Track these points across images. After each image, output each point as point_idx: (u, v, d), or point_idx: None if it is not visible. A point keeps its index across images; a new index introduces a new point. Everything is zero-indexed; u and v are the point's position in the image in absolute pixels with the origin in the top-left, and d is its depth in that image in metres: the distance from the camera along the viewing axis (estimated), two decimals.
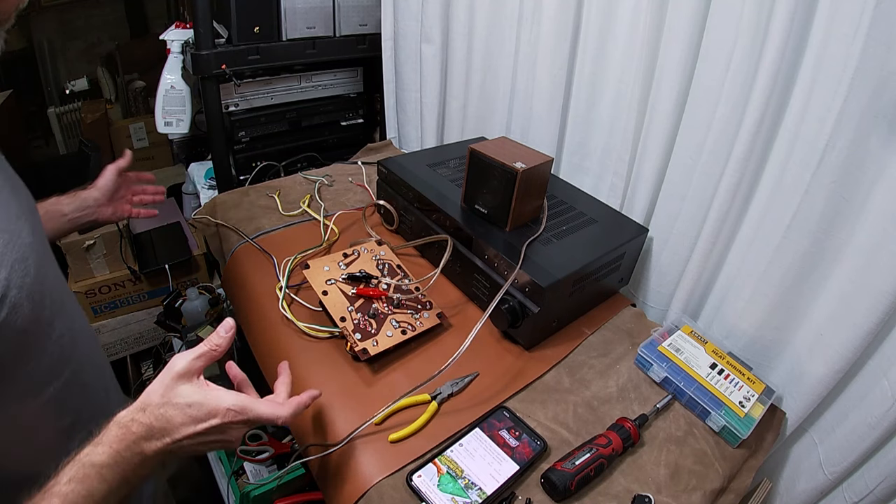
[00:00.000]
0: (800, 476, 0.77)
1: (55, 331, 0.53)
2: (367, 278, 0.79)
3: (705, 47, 0.76)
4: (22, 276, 0.47)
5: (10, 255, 0.46)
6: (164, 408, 0.48)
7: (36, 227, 0.54)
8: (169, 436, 0.47)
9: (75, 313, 0.60)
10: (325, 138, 1.43)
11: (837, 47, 0.62)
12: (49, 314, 0.52)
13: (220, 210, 1.03)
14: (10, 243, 0.47)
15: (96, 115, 2.43)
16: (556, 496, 0.59)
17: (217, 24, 1.16)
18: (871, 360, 0.67)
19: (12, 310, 0.45)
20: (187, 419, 0.48)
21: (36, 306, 0.48)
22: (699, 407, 0.71)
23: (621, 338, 0.83)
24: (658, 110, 0.84)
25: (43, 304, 0.50)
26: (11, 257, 0.46)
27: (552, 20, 0.96)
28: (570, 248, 0.80)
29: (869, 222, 0.64)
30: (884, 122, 0.59)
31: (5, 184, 0.51)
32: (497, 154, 0.79)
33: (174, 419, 0.48)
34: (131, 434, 0.47)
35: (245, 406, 0.50)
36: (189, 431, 0.48)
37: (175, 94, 1.25)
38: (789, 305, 0.74)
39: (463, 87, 1.21)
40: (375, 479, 0.59)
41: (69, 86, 2.51)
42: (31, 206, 0.57)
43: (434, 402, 0.67)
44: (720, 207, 0.77)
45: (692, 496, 0.62)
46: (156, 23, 2.60)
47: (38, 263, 0.50)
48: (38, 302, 0.49)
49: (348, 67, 1.40)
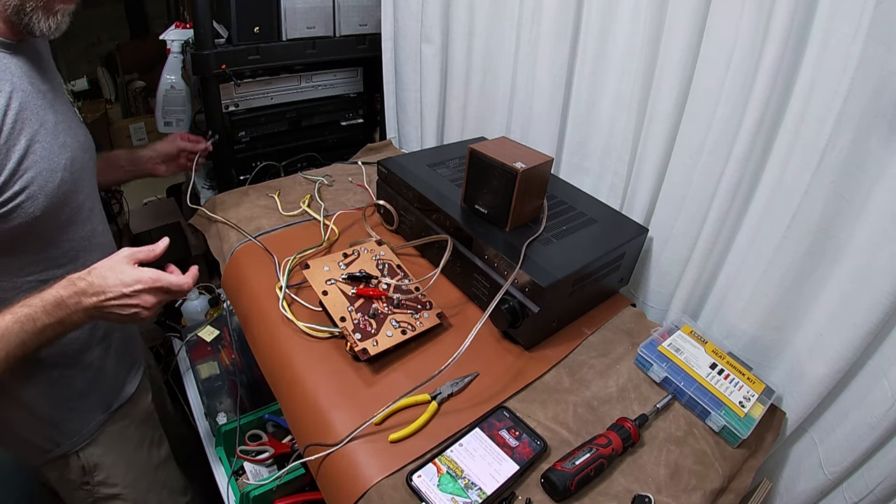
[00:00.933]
0: (800, 476, 0.77)
1: (66, 234, 0.74)
2: (367, 278, 0.79)
3: (705, 47, 0.76)
4: (45, 180, 0.67)
5: (42, 165, 0.67)
6: (105, 271, 0.67)
7: (77, 159, 0.74)
8: (103, 293, 0.66)
9: (97, 237, 0.82)
10: (325, 138, 1.43)
11: (837, 47, 0.62)
12: (64, 220, 0.73)
13: (220, 210, 1.03)
14: (45, 158, 0.68)
15: (96, 115, 2.43)
16: (556, 496, 0.60)
17: (217, 24, 1.16)
18: (871, 360, 0.67)
19: (28, 199, 0.66)
20: (118, 283, 0.66)
21: (51, 206, 0.68)
22: (699, 407, 0.71)
23: (621, 338, 0.83)
24: (658, 110, 0.84)
25: (60, 209, 0.71)
26: (42, 167, 0.67)
27: (552, 20, 0.95)
28: (570, 248, 0.80)
29: (869, 222, 0.64)
30: (884, 122, 0.59)
31: (63, 121, 0.73)
32: (497, 154, 0.79)
33: (109, 280, 0.66)
34: (75, 286, 0.66)
35: (160, 276, 0.69)
36: (117, 292, 0.66)
37: (175, 94, 1.25)
38: (789, 305, 0.74)
39: (463, 87, 1.21)
40: (375, 479, 0.59)
41: (69, 86, 2.50)
42: (83, 144, 0.78)
43: (434, 402, 0.67)
44: (720, 207, 0.77)
45: (692, 496, 0.62)
46: (156, 23, 2.60)
47: (63, 181, 0.70)
48: (54, 204, 0.69)
49: (348, 67, 1.40)
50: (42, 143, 0.67)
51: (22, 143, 0.65)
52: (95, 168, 0.83)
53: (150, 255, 0.72)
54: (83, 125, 0.80)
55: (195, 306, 1.34)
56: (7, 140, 0.63)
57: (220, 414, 1.10)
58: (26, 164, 0.65)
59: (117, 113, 2.56)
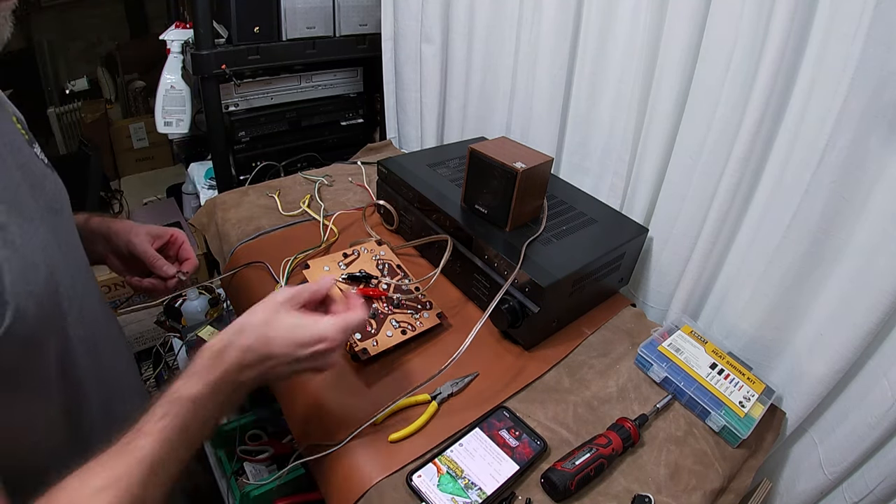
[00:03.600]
0: (800, 476, 0.77)
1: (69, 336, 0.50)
2: (367, 278, 0.79)
3: (705, 47, 0.76)
4: (30, 282, 0.43)
5: (17, 261, 0.42)
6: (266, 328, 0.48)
7: (52, 233, 0.49)
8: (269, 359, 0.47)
9: (99, 322, 0.57)
10: (325, 138, 1.43)
11: (837, 47, 0.62)
12: (60, 320, 0.49)
13: (220, 210, 1.03)
14: (22, 247, 0.43)
15: (96, 115, 2.43)
16: (556, 496, 0.59)
17: (217, 24, 1.16)
18: (871, 360, 0.67)
19: (17, 317, 0.41)
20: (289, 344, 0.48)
21: (43, 314, 0.45)
22: (699, 407, 0.71)
23: (621, 338, 0.83)
24: (658, 110, 0.84)
25: (53, 310, 0.47)
26: (19, 263, 0.42)
27: (552, 20, 0.95)
28: (570, 248, 0.80)
29: (869, 222, 0.64)
30: (884, 122, 0.59)
31: (24, 181, 0.47)
32: (497, 154, 0.79)
33: (276, 341, 0.48)
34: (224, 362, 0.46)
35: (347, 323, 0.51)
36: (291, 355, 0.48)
37: (175, 94, 1.26)
38: (789, 305, 0.74)
39: (463, 87, 1.21)
40: (375, 479, 0.59)
41: (69, 86, 2.51)
42: (51, 206, 0.51)
43: (434, 402, 0.67)
44: (720, 207, 0.77)
45: (692, 496, 0.62)
46: (156, 23, 2.60)
47: (50, 269, 0.46)
48: (46, 309, 0.45)
49: (348, 67, 1.40)
50: (11, 229, 0.42)
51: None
52: (76, 229, 0.57)
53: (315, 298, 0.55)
54: (48, 168, 0.54)
55: (195, 306, 1.34)
56: None
57: None
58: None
59: (117, 113, 2.56)
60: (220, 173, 1.29)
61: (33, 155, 0.51)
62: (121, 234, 0.69)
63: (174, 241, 0.73)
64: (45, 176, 0.52)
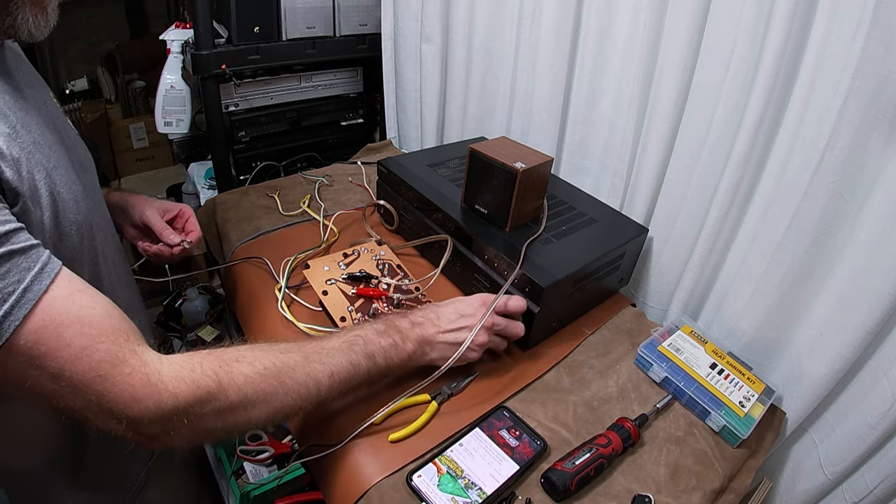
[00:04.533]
0: (800, 476, 0.77)
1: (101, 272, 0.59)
2: (367, 278, 0.79)
3: (705, 47, 0.76)
4: (73, 212, 0.52)
5: (65, 192, 0.51)
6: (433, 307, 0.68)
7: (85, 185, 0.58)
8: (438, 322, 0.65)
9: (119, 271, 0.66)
10: (325, 138, 1.43)
11: (837, 47, 0.62)
12: (94, 257, 0.57)
13: (219, 210, 1.03)
14: (68, 184, 0.52)
15: (96, 114, 2.43)
16: (556, 496, 0.60)
17: (217, 24, 1.16)
18: (871, 360, 0.67)
19: (60, 238, 0.50)
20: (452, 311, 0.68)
21: (81, 243, 0.53)
22: (699, 407, 0.71)
23: (621, 338, 0.83)
24: (658, 110, 0.84)
25: (89, 245, 0.56)
26: (66, 195, 0.51)
27: (552, 20, 0.95)
28: (570, 248, 0.80)
29: (869, 222, 0.64)
30: (884, 122, 0.59)
31: (60, 143, 0.56)
32: (497, 154, 0.79)
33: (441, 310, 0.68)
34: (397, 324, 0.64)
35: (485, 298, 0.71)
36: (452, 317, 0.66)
37: (175, 94, 1.25)
38: (789, 305, 0.74)
39: (463, 87, 1.21)
40: (375, 479, 0.59)
41: (69, 86, 2.51)
42: (83, 165, 0.61)
43: (434, 402, 0.67)
44: (720, 207, 0.77)
45: (692, 496, 0.62)
46: (156, 23, 2.60)
47: (85, 210, 0.54)
48: (83, 240, 0.54)
49: (348, 67, 1.40)
50: (60, 169, 0.52)
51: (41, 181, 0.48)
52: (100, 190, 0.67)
53: None
54: (79, 136, 0.64)
55: (195, 306, 1.34)
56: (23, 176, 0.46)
57: None
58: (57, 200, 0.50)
59: (117, 113, 2.56)
60: (220, 173, 1.29)
61: (68, 123, 0.62)
62: (136, 206, 0.80)
63: (182, 215, 0.83)
64: (77, 141, 0.62)
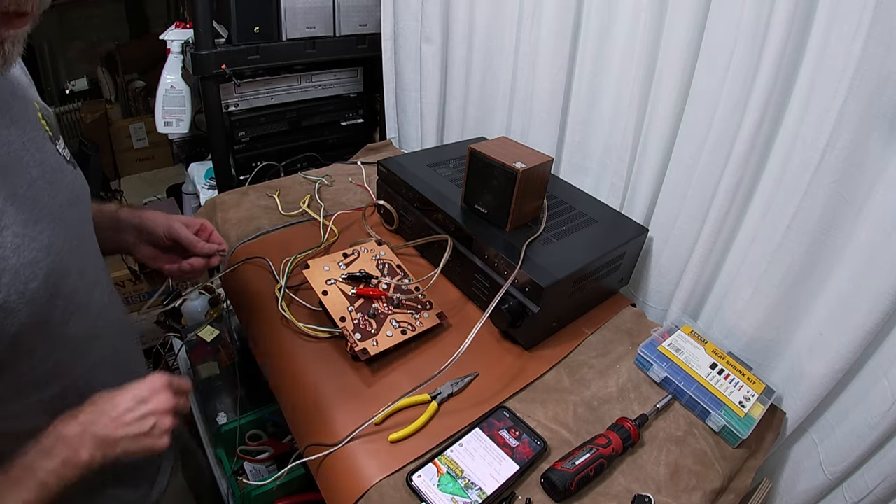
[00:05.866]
0: (800, 476, 0.77)
1: (67, 333, 0.52)
2: (367, 278, 0.79)
3: (705, 47, 0.76)
4: (25, 281, 0.45)
5: (15, 259, 0.44)
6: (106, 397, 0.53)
7: (64, 229, 0.51)
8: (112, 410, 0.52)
9: (104, 314, 0.59)
10: (325, 138, 1.43)
11: (837, 47, 0.62)
12: (60, 316, 0.50)
13: (219, 210, 1.03)
14: (21, 248, 0.44)
15: (96, 115, 2.44)
16: (556, 496, 0.60)
17: (217, 24, 1.16)
18: (871, 360, 0.67)
19: (6, 315, 0.43)
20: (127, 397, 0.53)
21: (38, 311, 0.46)
22: (699, 407, 0.71)
23: (621, 338, 0.83)
24: (658, 110, 0.84)
25: (52, 307, 0.48)
26: (17, 262, 0.44)
27: (552, 20, 0.95)
28: (570, 248, 0.80)
29: (869, 222, 0.64)
30: (884, 122, 0.59)
31: (41, 177, 0.49)
32: (497, 154, 0.79)
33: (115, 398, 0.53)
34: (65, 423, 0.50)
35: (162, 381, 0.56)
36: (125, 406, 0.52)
37: (175, 94, 1.26)
38: (789, 305, 0.74)
39: (463, 87, 1.21)
40: (375, 479, 0.59)
41: (69, 86, 2.51)
42: (70, 200, 0.53)
43: (434, 402, 0.67)
44: (720, 207, 0.77)
45: (692, 496, 0.62)
46: (156, 23, 2.60)
47: (52, 267, 0.47)
48: (42, 306, 0.47)
49: (348, 67, 1.40)
50: (12, 228, 0.44)
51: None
52: (92, 221, 0.59)
53: None
54: (69, 164, 0.55)
55: (195, 306, 1.34)
56: None
57: (220, 414, 1.10)
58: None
59: (117, 113, 2.57)
60: (220, 173, 1.29)
61: (55, 151, 0.53)
62: (158, 223, 0.74)
63: (204, 229, 0.80)
64: (64, 171, 0.54)
